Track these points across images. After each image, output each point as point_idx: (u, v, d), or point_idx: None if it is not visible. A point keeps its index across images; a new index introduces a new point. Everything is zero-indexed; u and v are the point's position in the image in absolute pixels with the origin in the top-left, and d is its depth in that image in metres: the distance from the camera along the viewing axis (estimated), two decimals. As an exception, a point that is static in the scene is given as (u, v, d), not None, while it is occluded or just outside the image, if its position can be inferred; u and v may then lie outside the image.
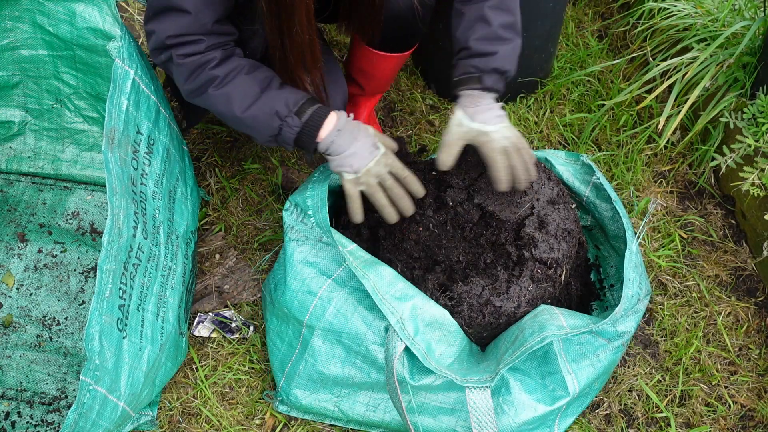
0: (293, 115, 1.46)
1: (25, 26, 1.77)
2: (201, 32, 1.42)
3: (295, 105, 1.46)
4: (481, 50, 1.55)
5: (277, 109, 1.45)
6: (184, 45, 1.43)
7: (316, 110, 1.48)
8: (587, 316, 1.59)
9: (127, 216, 1.43)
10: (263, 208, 2.05)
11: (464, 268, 1.57)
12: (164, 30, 1.41)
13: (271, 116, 1.45)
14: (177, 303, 1.66)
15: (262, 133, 1.48)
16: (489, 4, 1.57)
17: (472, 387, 1.43)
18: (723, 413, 1.77)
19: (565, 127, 2.27)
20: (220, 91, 1.45)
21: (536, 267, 1.58)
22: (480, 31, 1.56)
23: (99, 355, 1.31)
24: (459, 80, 1.58)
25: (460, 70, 1.58)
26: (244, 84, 1.45)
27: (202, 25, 1.41)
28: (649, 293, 1.74)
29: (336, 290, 1.54)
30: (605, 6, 2.65)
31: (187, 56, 1.43)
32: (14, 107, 1.96)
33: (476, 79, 1.55)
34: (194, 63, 1.44)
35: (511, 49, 1.57)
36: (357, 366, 1.55)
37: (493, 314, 1.53)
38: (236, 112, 1.46)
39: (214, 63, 1.44)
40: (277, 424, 1.70)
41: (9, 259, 1.89)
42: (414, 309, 1.46)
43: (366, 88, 2.01)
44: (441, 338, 1.46)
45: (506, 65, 1.56)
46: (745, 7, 2.15)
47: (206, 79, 1.44)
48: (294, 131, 1.47)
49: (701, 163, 2.16)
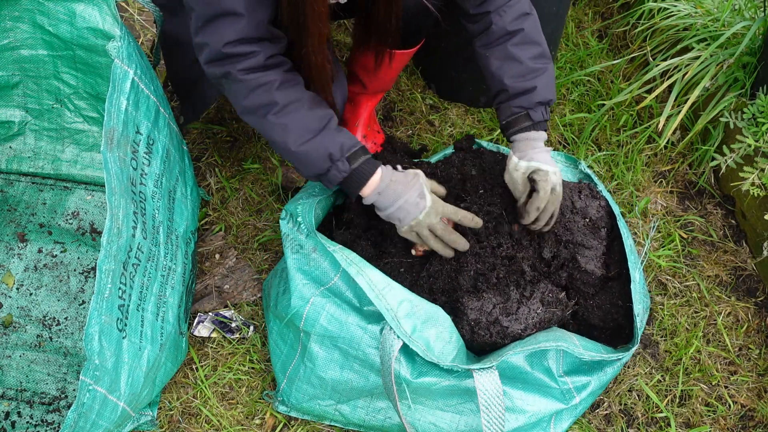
0: (345, 160, 1.46)
1: (25, 26, 1.77)
2: (257, 36, 1.38)
3: (348, 150, 1.47)
4: (520, 89, 1.57)
5: (331, 151, 1.45)
6: (244, 58, 1.38)
7: (366, 161, 1.49)
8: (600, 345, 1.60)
9: (127, 216, 1.43)
10: (263, 208, 2.05)
11: (475, 277, 1.57)
12: (220, 38, 1.35)
13: (324, 157, 1.45)
14: (177, 303, 1.66)
15: (310, 169, 1.48)
16: (513, 41, 1.58)
17: (479, 369, 1.43)
18: (723, 413, 1.77)
19: (565, 127, 2.27)
20: (279, 120, 1.43)
21: (548, 290, 1.58)
22: (513, 70, 1.58)
23: (99, 355, 1.31)
24: (508, 122, 1.60)
25: (506, 113, 1.60)
26: (304, 119, 1.44)
27: (258, 24, 1.36)
28: (648, 308, 1.74)
29: (329, 298, 1.54)
30: (605, 6, 2.65)
31: (247, 72, 1.39)
32: (14, 107, 1.96)
33: (525, 117, 1.58)
34: (255, 81, 1.40)
35: (547, 78, 1.59)
36: (355, 370, 1.55)
37: (500, 334, 1.53)
38: (290, 146, 1.44)
39: (276, 85, 1.42)
40: (277, 424, 1.70)
41: (9, 259, 1.89)
42: (411, 306, 1.45)
43: (369, 86, 2.01)
44: (438, 336, 1.46)
45: (548, 95, 1.58)
46: (745, 7, 2.15)
47: (266, 103, 1.42)
48: (341, 176, 1.47)
49: (701, 163, 2.16)
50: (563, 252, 1.64)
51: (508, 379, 1.55)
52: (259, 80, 1.40)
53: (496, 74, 1.60)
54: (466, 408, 1.57)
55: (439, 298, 1.58)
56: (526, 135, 1.59)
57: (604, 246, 1.70)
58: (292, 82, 1.45)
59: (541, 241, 1.63)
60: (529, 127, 1.58)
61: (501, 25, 1.58)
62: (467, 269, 1.56)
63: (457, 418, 1.58)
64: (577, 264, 1.64)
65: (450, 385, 1.50)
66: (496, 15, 1.58)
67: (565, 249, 1.64)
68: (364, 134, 2.09)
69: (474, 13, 1.62)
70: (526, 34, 1.58)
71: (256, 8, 1.35)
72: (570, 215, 1.67)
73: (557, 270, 1.63)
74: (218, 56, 1.38)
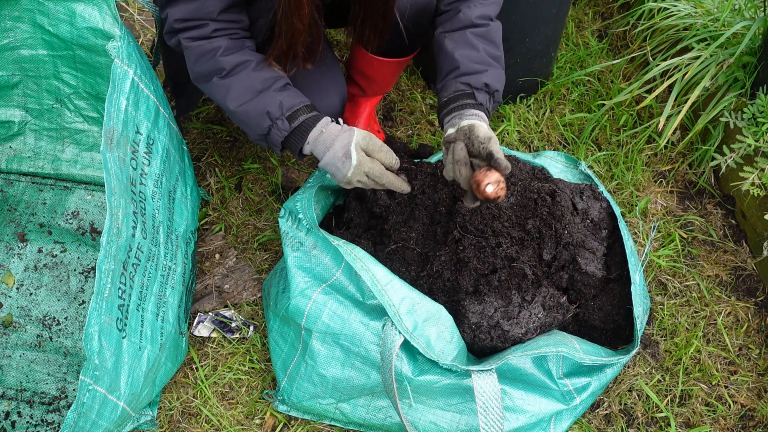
0: (284, 119, 1.48)
1: (25, 26, 1.77)
2: (207, 17, 1.46)
3: (289, 109, 1.48)
4: (472, 69, 1.55)
5: (269, 109, 1.47)
6: (192, 29, 1.47)
7: (307, 119, 1.49)
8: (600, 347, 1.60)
9: (126, 216, 1.43)
10: (263, 208, 2.05)
11: (476, 279, 1.57)
12: (173, 14, 1.47)
13: (261, 115, 1.47)
14: (177, 303, 1.66)
15: (253, 130, 1.51)
16: (473, 31, 1.58)
17: (478, 371, 1.43)
18: (723, 413, 1.77)
19: (565, 126, 2.27)
20: (223, 81, 1.48)
21: (549, 294, 1.58)
22: (468, 54, 1.56)
23: (98, 354, 1.31)
24: (449, 98, 1.55)
25: (450, 89, 1.55)
26: (246, 79, 1.48)
27: (207, 13, 1.45)
28: (648, 310, 1.74)
29: (330, 294, 1.54)
30: (605, 6, 2.65)
31: (193, 40, 1.48)
32: (14, 107, 1.96)
33: (469, 95, 1.53)
34: (201, 48, 1.48)
35: (499, 73, 1.57)
36: (356, 367, 1.55)
37: (500, 338, 1.53)
38: (230, 105, 1.49)
39: (220, 51, 1.47)
40: (277, 424, 1.70)
41: (9, 259, 1.89)
42: (412, 304, 1.46)
43: (367, 90, 2.02)
44: (439, 335, 1.46)
45: (496, 84, 1.55)
46: (745, 7, 2.15)
47: (213, 68, 1.48)
48: (282, 134, 1.49)
49: (701, 163, 2.16)
50: (564, 253, 1.64)
51: (508, 380, 1.56)
52: (205, 47, 1.48)
53: (449, 53, 1.57)
54: (467, 408, 1.57)
55: (439, 298, 1.58)
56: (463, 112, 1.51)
57: (604, 247, 1.70)
58: (238, 47, 1.50)
59: (542, 243, 1.63)
60: (471, 105, 1.51)
61: (468, 15, 1.58)
62: (468, 269, 1.57)
63: (458, 417, 1.58)
64: (578, 266, 1.63)
65: (451, 383, 1.50)
66: (465, 6, 1.59)
67: (566, 250, 1.64)
68: (364, 134, 2.09)
69: (445, 10, 1.63)
70: (488, 32, 1.59)
71: None
72: (570, 217, 1.67)
73: (558, 271, 1.63)
74: (170, 29, 1.51)
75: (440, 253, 1.61)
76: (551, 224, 1.64)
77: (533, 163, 1.84)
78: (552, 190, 1.69)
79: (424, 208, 1.69)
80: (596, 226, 1.71)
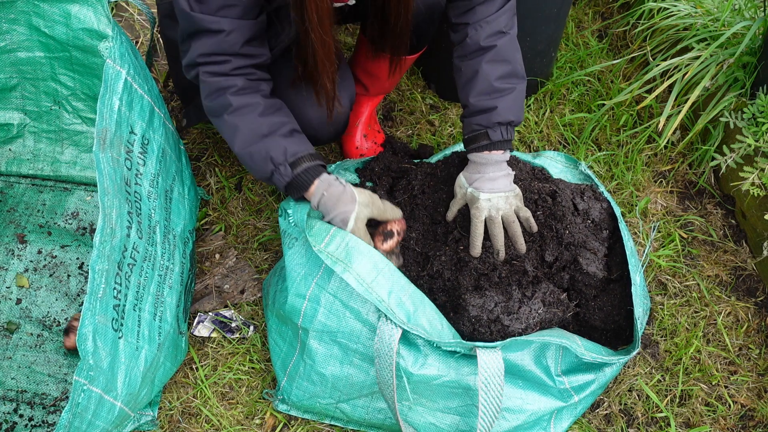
0: (287, 165, 1.49)
1: (21, 28, 1.77)
2: (231, 52, 1.46)
3: (292, 156, 1.50)
4: (481, 107, 1.58)
5: (272, 155, 1.48)
6: (213, 65, 1.47)
7: (307, 169, 1.51)
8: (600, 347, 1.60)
9: (120, 216, 1.42)
10: (263, 208, 2.05)
11: (476, 278, 1.56)
12: (195, 50, 1.47)
13: (265, 160, 1.49)
14: (175, 302, 1.66)
15: (257, 172, 1.53)
16: (486, 58, 1.58)
17: (483, 348, 1.42)
18: (723, 413, 1.77)
19: (565, 126, 2.27)
20: (231, 119, 1.49)
21: (550, 290, 1.58)
22: (478, 86, 1.58)
23: (93, 355, 1.30)
24: (469, 138, 1.61)
25: (468, 129, 1.62)
26: (253, 123, 1.49)
27: (230, 45, 1.45)
28: (648, 310, 1.74)
29: (322, 290, 1.53)
30: (605, 6, 2.65)
31: (212, 75, 1.48)
32: (13, 110, 1.96)
33: (484, 135, 1.58)
34: (217, 84, 1.48)
35: (512, 99, 1.59)
36: (355, 365, 1.55)
37: (500, 332, 1.52)
38: (236, 147, 1.50)
39: (233, 90, 1.48)
40: (277, 424, 1.70)
41: (9, 260, 1.89)
42: (399, 297, 1.45)
43: (371, 89, 2.02)
44: (431, 323, 1.45)
45: (509, 116, 1.58)
46: (745, 7, 2.14)
47: (223, 104, 1.49)
48: (285, 180, 1.51)
49: (701, 163, 2.16)
50: (565, 254, 1.63)
51: (507, 375, 1.55)
52: (221, 83, 1.48)
53: (463, 89, 1.62)
54: (468, 410, 1.56)
55: (439, 298, 1.58)
56: (482, 155, 1.59)
57: (605, 248, 1.70)
58: (252, 88, 1.51)
59: (543, 244, 1.63)
60: (487, 146, 1.58)
61: (475, 39, 1.58)
62: (468, 269, 1.57)
63: (458, 419, 1.57)
64: (579, 266, 1.63)
65: (451, 381, 1.49)
66: (472, 29, 1.59)
67: (567, 251, 1.64)
68: (364, 134, 2.10)
69: (455, 23, 1.63)
70: (498, 52, 1.58)
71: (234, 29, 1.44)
72: (571, 217, 1.67)
73: (559, 272, 1.63)
74: (192, 62, 1.50)
75: (440, 253, 1.61)
76: (552, 225, 1.64)
77: (533, 163, 1.84)
78: (552, 190, 1.69)
79: (424, 208, 1.69)
80: (597, 226, 1.70)
